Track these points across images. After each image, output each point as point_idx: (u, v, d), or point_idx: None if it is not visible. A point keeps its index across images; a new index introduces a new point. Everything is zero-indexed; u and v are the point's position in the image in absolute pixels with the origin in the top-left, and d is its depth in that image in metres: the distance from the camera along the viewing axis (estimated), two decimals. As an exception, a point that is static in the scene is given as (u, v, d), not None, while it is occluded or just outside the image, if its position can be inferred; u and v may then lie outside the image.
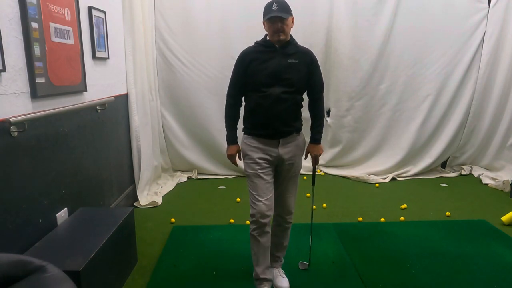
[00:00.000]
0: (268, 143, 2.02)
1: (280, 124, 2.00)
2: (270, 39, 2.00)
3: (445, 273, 2.34)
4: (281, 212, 2.14)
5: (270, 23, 1.94)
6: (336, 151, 4.47)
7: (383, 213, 3.28)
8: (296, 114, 2.08)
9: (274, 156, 2.02)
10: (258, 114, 2.01)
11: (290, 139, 2.06)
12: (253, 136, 2.06)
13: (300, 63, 2.01)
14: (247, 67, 2.01)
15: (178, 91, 4.12)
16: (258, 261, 2.06)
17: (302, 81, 2.03)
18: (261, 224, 1.98)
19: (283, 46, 2.00)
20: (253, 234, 2.02)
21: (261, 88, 1.98)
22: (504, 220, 3.06)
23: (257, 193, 1.99)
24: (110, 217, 2.26)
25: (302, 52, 2.05)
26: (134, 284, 2.24)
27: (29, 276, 1.36)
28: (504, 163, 4.21)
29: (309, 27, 4.08)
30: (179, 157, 4.30)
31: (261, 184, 1.99)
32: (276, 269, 2.24)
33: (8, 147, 1.77)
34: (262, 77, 1.97)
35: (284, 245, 2.24)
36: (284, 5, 1.95)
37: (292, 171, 2.10)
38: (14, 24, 1.82)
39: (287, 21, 1.95)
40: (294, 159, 2.08)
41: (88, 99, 2.58)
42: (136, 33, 3.36)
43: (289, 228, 2.20)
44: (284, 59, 1.99)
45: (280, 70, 1.97)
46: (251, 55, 2.02)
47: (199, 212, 3.30)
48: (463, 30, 4.09)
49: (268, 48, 2.01)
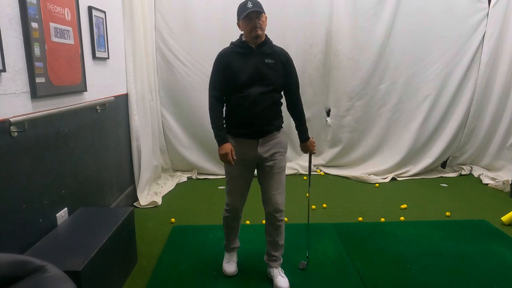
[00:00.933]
0: (247, 143, 2.09)
1: (260, 123, 2.06)
2: (247, 37, 2.05)
3: (445, 273, 2.34)
4: (270, 210, 2.15)
5: (248, 20, 1.99)
6: (336, 151, 4.47)
7: (383, 213, 3.28)
8: (275, 113, 2.13)
9: (253, 156, 2.10)
10: (239, 114, 2.07)
11: (270, 137, 2.11)
12: (232, 136, 2.11)
13: (276, 62, 2.07)
14: (225, 68, 2.06)
15: (178, 91, 4.12)
16: (229, 237, 2.35)
17: (279, 80, 2.10)
18: (233, 214, 2.24)
19: (260, 46, 2.06)
20: (227, 220, 2.28)
21: (241, 89, 2.03)
22: (504, 220, 3.06)
23: (232, 190, 2.18)
24: (110, 217, 2.26)
25: (278, 52, 2.10)
26: (134, 284, 2.24)
27: (29, 276, 1.36)
28: (504, 163, 4.21)
29: (309, 28, 4.08)
30: (179, 157, 4.30)
31: (238, 183, 2.16)
32: (275, 268, 2.24)
33: (8, 147, 1.77)
34: (241, 78, 2.02)
35: (280, 244, 2.22)
36: (258, 3, 2.01)
37: (275, 168, 2.12)
38: (14, 24, 1.82)
39: (262, 17, 2.00)
40: (276, 156, 2.11)
41: (88, 99, 2.58)
42: (136, 33, 3.36)
43: (281, 226, 2.19)
44: (261, 59, 2.04)
45: (258, 71, 2.03)
46: (229, 57, 2.07)
47: (199, 212, 3.30)
48: (463, 30, 4.09)
49: (244, 49, 2.06)
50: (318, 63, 4.19)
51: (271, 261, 2.26)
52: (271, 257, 2.25)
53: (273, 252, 2.24)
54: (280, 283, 2.16)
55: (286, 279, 2.20)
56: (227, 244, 2.38)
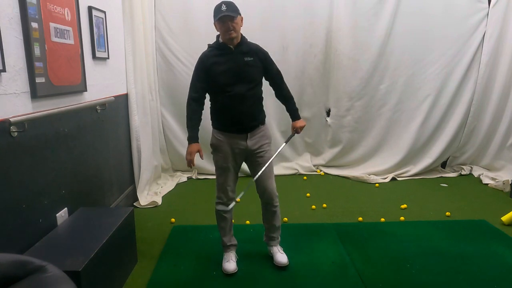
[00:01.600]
0: (236, 137, 2.23)
1: (248, 119, 2.21)
2: (222, 39, 2.15)
3: (445, 273, 2.34)
4: (266, 198, 2.32)
5: (221, 22, 2.08)
6: (336, 151, 4.47)
7: (383, 213, 3.28)
8: (259, 108, 2.29)
9: (243, 148, 2.24)
10: (226, 113, 2.21)
11: (257, 131, 2.26)
12: (222, 131, 2.25)
13: (255, 59, 2.20)
14: (208, 71, 2.16)
15: (178, 91, 4.11)
16: (225, 232, 2.37)
17: (260, 75, 2.24)
18: (223, 205, 2.29)
19: (237, 46, 2.17)
20: (220, 213, 2.33)
21: (226, 88, 2.15)
22: (504, 220, 3.06)
23: (224, 182, 2.26)
24: (110, 217, 2.26)
25: (255, 50, 2.23)
26: (134, 284, 2.24)
27: (29, 276, 1.36)
28: (504, 163, 4.21)
29: (309, 27, 4.08)
30: (179, 157, 4.30)
31: (229, 174, 2.25)
32: (274, 247, 2.46)
33: (8, 147, 1.77)
34: (224, 78, 2.14)
35: (277, 226, 2.43)
36: (232, 5, 2.10)
37: (265, 158, 2.28)
38: (14, 24, 1.82)
39: (236, 20, 2.09)
40: (264, 147, 2.28)
41: (88, 99, 2.58)
42: (136, 33, 3.36)
43: (277, 211, 2.37)
44: (240, 58, 2.16)
45: (240, 69, 2.15)
46: (210, 59, 2.17)
47: (199, 212, 3.30)
48: (463, 30, 4.08)
49: (223, 51, 2.16)
50: (318, 63, 4.19)
51: (270, 240, 2.47)
52: (270, 238, 2.47)
53: (271, 234, 2.45)
54: (279, 258, 2.38)
55: (285, 255, 2.40)
56: (223, 242, 2.40)
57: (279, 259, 2.39)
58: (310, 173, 4.43)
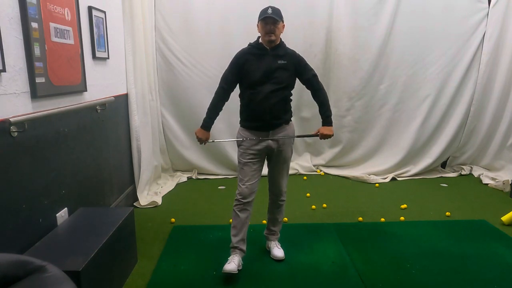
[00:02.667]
0: (259, 134, 2.30)
1: (269, 117, 2.27)
2: (262, 40, 2.27)
3: (445, 273, 2.34)
4: (275, 191, 2.45)
5: (264, 23, 2.21)
6: (336, 151, 4.47)
7: (383, 213, 3.28)
8: (284, 108, 2.34)
9: (264, 146, 2.30)
10: (251, 108, 2.30)
11: (279, 130, 2.33)
12: (246, 128, 2.34)
13: (288, 63, 2.29)
14: (242, 67, 2.29)
15: (178, 91, 4.12)
16: (236, 232, 2.33)
17: (290, 79, 2.32)
18: (243, 203, 2.30)
19: (274, 48, 2.27)
20: (235, 210, 2.32)
21: (254, 86, 2.26)
22: (504, 220, 3.06)
23: (243, 178, 2.30)
24: (110, 217, 2.26)
25: (290, 54, 2.33)
26: (134, 284, 2.24)
27: (29, 276, 1.36)
28: (504, 163, 4.21)
29: (309, 27, 4.08)
30: (179, 157, 4.30)
31: (248, 171, 2.29)
32: (273, 241, 2.55)
33: (8, 147, 1.77)
34: (254, 76, 2.25)
35: (279, 221, 2.54)
36: (278, 11, 2.23)
37: (282, 157, 2.37)
38: (14, 24, 1.82)
39: (278, 25, 2.22)
40: (283, 147, 2.34)
41: (88, 99, 2.58)
42: (136, 33, 3.36)
43: (282, 205, 2.50)
44: (274, 60, 2.26)
45: (270, 71, 2.25)
46: (245, 56, 2.29)
47: (199, 212, 3.30)
48: (463, 30, 4.09)
49: (260, 51, 2.28)
50: (318, 63, 4.18)
51: (270, 234, 2.56)
52: (270, 231, 2.56)
53: (272, 227, 2.55)
54: (276, 252, 2.49)
55: (281, 250, 2.51)
56: (231, 242, 2.33)
57: (276, 253, 2.48)
58: (310, 173, 4.43)
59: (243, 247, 2.36)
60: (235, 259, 2.30)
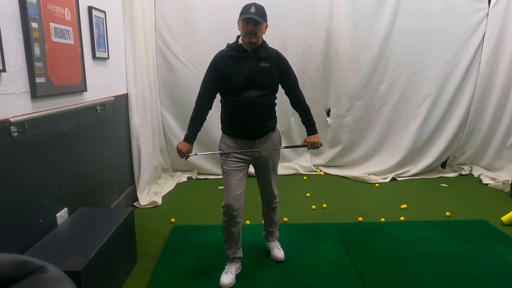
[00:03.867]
0: (244, 143, 2.16)
1: (256, 125, 2.14)
2: (242, 40, 2.08)
3: (445, 273, 2.34)
4: (268, 197, 2.39)
5: (245, 23, 2.01)
6: (336, 151, 4.47)
7: (383, 213, 3.28)
8: (270, 114, 2.21)
9: (250, 155, 2.18)
10: (235, 117, 2.14)
11: (266, 138, 2.20)
12: (230, 136, 2.19)
13: (272, 66, 2.11)
14: (221, 71, 2.09)
15: (178, 91, 4.12)
16: (230, 246, 2.26)
17: (274, 82, 2.16)
18: (231, 217, 2.14)
19: (255, 50, 2.08)
20: (225, 225, 2.19)
21: (236, 92, 2.08)
22: (504, 220, 3.06)
23: (228, 188, 2.14)
24: (110, 217, 2.26)
25: (273, 56, 2.14)
26: (134, 284, 2.24)
27: (29, 276, 1.36)
28: (504, 163, 4.21)
29: (309, 27, 4.08)
30: (179, 157, 4.29)
31: (233, 180, 2.14)
32: (272, 242, 2.53)
33: (8, 147, 1.77)
34: (236, 82, 2.06)
35: (275, 221, 2.49)
36: (261, 10, 2.03)
37: (270, 165, 2.27)
38: (14, 24, 1.82)
39: (261, 26, 2.02)
40: (270, 156, 2.24)
41: (88, 99, 2.58)
42: (136, 33, 3.36)
43: (276, 207, 2.44)
44: (256, 63, 2.08)
45: (253, 75, 2.07)
46: (225, 60, 2.10)
47: (199, 212, 3.30)
48: (463, 30, 4.09)
49: (240, 53, 2.09)
50: (318, 63, 4.19)
51: (268, 235, 2.53)
52: (268, 232, 2.53)
53: (269, 229, 2.51)
54: (276, 253, 2.46)
55: (282, 250, 2.49)
56: (227, 253, 2.28)
57: (276, 254, 2.46)
58: (310, 173, 4.43)
59: (240, 255, 2.30)
60: (232, 269, 2.25)
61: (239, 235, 2.26)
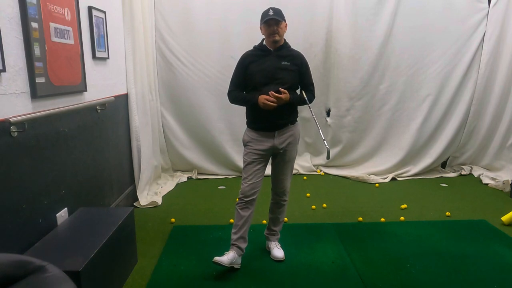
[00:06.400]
0: (265, 135, 2.33)
1: (275, 117, 2.28)
2: (266, 41, 2.32)
3: (445, 273, 2.34)
4: (279, 191, 2.46)
5: (267, 26, 2.24)
6: (336, 151, 4.47)
7: (383, 213, 3.28)
8: (290, 109, 2.35)
9: (270, 146, 2.33)
10: (256, 109, 2.29)
11: (285, 130, 2.35)
12: (252, 129, 2.37)
13: (292, 65, 2.32)
14: (246, 69, 2.32)
15: (178, 91, 4.12)
16: (237, 229, 2.34)
17: (294, 79, 2.34)
18: (245, 202, 2.32)
19: (277, 49, 2.31)
20: (237, 208, 2.35)
21: (258, 87, 2.28)
22: (504, 220, 3.06)
23: (246, 176, 2.33)
24: (110, 217, 2.26)
25: (294, 55, 2.36)
26: (134, 284, 2.24)
27: (29, 276, 1.36)
28: (504, 163, 4.21)
29: (309, 27, 4.08)
30: (179, 157, 4.30)
31: (251, 170, 2.32)
32: (273, 242, 2.56)
33: (8, 147, 1.77)
34: (258, 77, 2.28)
35: (280, 220, 2.54)
36: (279, 11, 2.25)
37: (287, 157, 2.39)
38: (14, 24, 1.82)
39: (281, 24, 2.25)
40: (288, 147, 2.37)
41: (88, 99, 2.58)
42: (136, 33, 3.36)
43: (285, 205, 2.51)
44: (278, 61, 2.29)
45: (274, 71, 2.28)
46: (249, 58, 2.33)
47: (199, 212, 3.30)
48: (463, 30, 4.09)
49: (263, 52, 2.32)
50: (318, 63, 4.19)
51: (270, 234, 2.57)
52: (271, 231, 2.57)
53: (273, 227, 2.56)
54: (276, 253, 2.49)
55: (281, 250, 2.51)
56: (232, 238, 2.35)
57: (276, 254, 2.49)
58: (310, 173, 4.43)
59: (242, 245, 2.36)
60: (230, 254, 2.30)
61: (248, 224, 2.36)
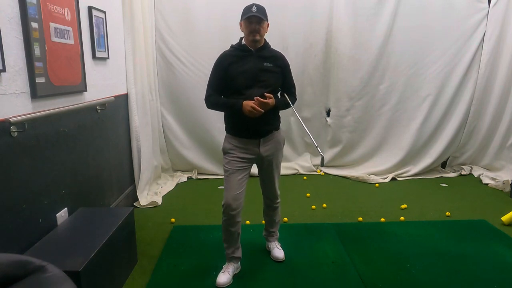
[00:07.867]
0: (249, 142, 2.16)
1: (260, 124, 2.13)
2: (246, 40, 2.13)
3: (445, 273, 2.34)
4: (270, 197, 2.40)
5: (248, 23, 2.06)
6: (336, 151, 4.47)
7: (383, 213, 3.28)
8: (274, 113, 2.21)
9: (255, 154, 2.19)
10: (239, 117, 2.10)
11: (270, 137, 2.22)
12: (234, 136, 2.19)
13: (274, 66, 2.16)
14: (226, 70, 2.12)
15: (178, 91, 4.12)
16: (229, 245, 2.26)
17: (277, 81, 2.20)
18: (230, 216, 2.13)
19: (258, 50, 2.14)
20: (224, 224, 2.18)
21: (241, 91, 2.11)
22: (504, 220, 3.06)
23: (228, 187, 2.14)
24: (110, 217, 2.26)
25: (276, 56, 2.21)
26: (134, 284, 2.24)
27: (29, 276, 1.36)
28: (504, 163, 4.21)
29: (309, 27, 4.08)
30: (179, 157, 4.30)
31: (235, 179, 2.13)
32: (272, 242, 2.53)
33: (8, 147, 1.77)
34: (241, 80, 2.10)
35: (276, 221, 2.50)
36: (263, 9, 2.08)
37: (274, 164, 2.29)
38: (14, 24, 1.82)
39: (263, 24, 2.08)
40: (274, 154, 2.26)
41: (88, 99, 2.58)
42: (136, 33, 3.36)
43: (278, 207, 2.45)
44: (260, 62, 2.12)
45: (257, 73, 2.11)
46: (229, 59, 2.13)
47: (199, 212, 3.30)
48: (463, 30, 4.09)
49: (244, 52, 2.13)
50: (318, 63, 4.19)
51: (269, 235, 2.54)
52: (269, 232, 2.53)
53: (270, 229, 2.52)
54: (276, 253, 2.47)
55: (282, 251, 2.49)
56: (226, 252, 2.29)
57: (276, 254, 2.46)
58: (310, 173, 4.43)
59: (238, 254, 2.30)
60: (230, 269, 2.25)
61: (239, 235, 2.25)
